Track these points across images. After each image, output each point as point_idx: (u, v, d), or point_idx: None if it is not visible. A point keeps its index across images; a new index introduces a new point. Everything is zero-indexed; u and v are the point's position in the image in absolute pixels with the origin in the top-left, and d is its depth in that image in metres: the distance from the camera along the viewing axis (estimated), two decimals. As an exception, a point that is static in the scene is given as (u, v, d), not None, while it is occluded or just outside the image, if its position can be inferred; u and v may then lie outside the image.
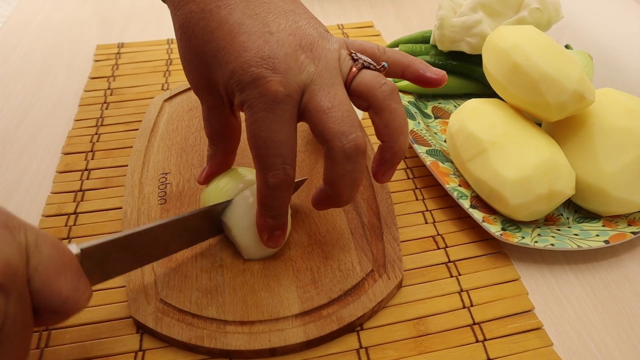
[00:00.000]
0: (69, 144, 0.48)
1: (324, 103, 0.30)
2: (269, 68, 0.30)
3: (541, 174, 0.37)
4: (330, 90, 0.31)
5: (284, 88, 0.30)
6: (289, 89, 0.30)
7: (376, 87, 0.31)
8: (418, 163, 0.47)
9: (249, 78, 0.30)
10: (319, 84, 0.31)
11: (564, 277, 0.39)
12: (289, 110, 0.30)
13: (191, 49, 0.33)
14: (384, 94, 0.31)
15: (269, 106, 0.30)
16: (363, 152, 0.30)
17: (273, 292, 0.35)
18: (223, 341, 0.32)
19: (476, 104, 0.43)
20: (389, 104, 0.31)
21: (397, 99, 0.32)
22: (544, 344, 0.34)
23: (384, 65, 0.33)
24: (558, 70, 0.38)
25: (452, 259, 0.39)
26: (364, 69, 0.32)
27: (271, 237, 0.35)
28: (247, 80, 0.30)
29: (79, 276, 0.27)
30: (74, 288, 0.26)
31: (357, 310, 0.34)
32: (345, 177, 0.31)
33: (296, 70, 0.30)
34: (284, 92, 0.30)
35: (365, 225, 0.40)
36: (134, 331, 0.34)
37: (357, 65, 0.32)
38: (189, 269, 0.36)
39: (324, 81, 0.31)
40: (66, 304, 0.26)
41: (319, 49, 0.32)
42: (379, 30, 0.66)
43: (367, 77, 0.32)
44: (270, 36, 0.31)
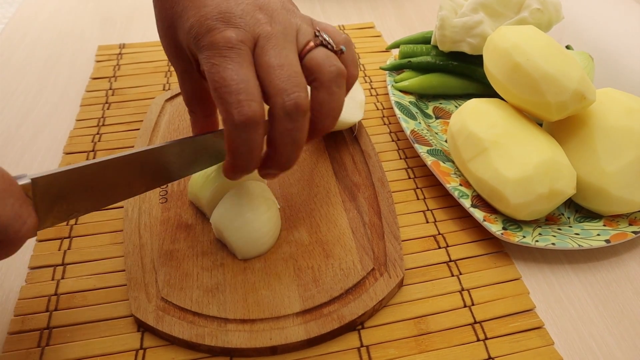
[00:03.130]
0: (70, 144, 0.48)
1: (273, 60, 0.31)
2: (223, 21, 0.31)
3: (542, 174, 0.37)
4: (282, 51, 0.31)
5: (236, 35, 0.30)
6: (241, 37, 0.31)
7: (326, 65, 0.32)
8: (419, 163, 0.47)
9: (204, 30, 0.31)
10: (272, 42, 0.31)
11: (565, 277, 0.39)
12: (244, 55, 0.31)
13: (163, 14, 0.35)
14: (331, 74, 0.32)
15: (223, 52, 0.30)
16: (304, 111, 0.31)
17: (274, 291, 0.35)
18: (224, 339, 0.32)
19: (477, 103, 0.43)
20: (330, 85, 0.32)
21: (341, 84, 0.33)
22: (545, 343, 0.34)
23: (342, 48, 0.34)
24: (559, 70, 0.38)
25: (453, 258, 0.39)
26: (321, 46, 0.33)
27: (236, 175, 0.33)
28: (203, 32, 0.31)
29: (21, 203, 0.26)
30: (15, 215, 0.25)
31: (358, 308, 0.34)
32: (285, 136, 0.31)
33: (251, 24, 0.31)
34: (236, 39, 0.30)
35: (366, 224, 0.40)
36: (135, 329, 0.34)
37: (316, 40, 0.33)
38: (189, 267, 0.36)
39: (277, 41, 0.32)
40: (6, 232, 0.25)
41: (279, 16, 0.33)
42: (380, 31, 0.66)
43: (320, 54, 0.33)
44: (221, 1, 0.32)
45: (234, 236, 0.36)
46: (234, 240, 0.36)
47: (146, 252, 0.37)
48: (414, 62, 0.53)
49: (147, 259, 0.37)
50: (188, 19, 0.32)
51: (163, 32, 0.35)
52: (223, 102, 0.30)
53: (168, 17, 0.34)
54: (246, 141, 0.31)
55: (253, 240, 0.36)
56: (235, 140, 0.31)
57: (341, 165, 0.45)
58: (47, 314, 0.35)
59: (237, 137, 0.30)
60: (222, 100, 0.30)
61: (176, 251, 0.37)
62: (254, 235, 0.36)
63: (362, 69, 0.59)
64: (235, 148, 0.31)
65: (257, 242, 0.36)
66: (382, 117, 0.52)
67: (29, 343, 0.33)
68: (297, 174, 0.44)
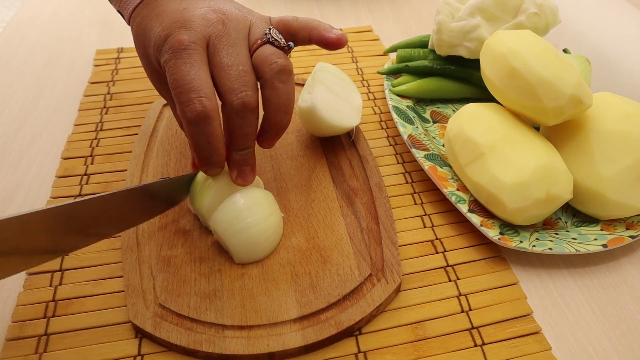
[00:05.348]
0: (68, 149, 0.48)
1: (224, 60, 0.34)
2: (178, 26, 0.34)
3: (539, 179, 0.37)
4: (232, 50, 0.34)
5: (188, 37, 0.33)
6: (193, 38, 0.33)
7: (267, 63, 0.34)
8: (416, 167, 0.47)
9: (162, 39, 0.34)
10: (224, 41, 0.34)
11: (562, 281, 0.39)
12: (196, 55, 0.33)
13: (140, 43, 0.37)
14: (272, 71, 0.34)
15: (177, 54, 0.33)
16: (251, 109, 0.34)
17: (271, 297, 0.35)
18: (221, 346, 0.32)
19: (474, 108, 0.43)
20: (273, 82, 0.34)
21: (284, 79, 0.35)
22: (543, 348, 0.34)
23: (289, 44, 0.36)
24: (555, 74, 0.38)
25: (451, 263, 0.39)
26: (267, 44, 0.35)
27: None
28: (161, 41, 0.34)
29: None
30: None
31: (356, 314, 0.34)
32: (236, 131, 0.34)
33: (203, 25, 0.34)
34: (188, 40, 0.33)
35: (363, 229, 0.40)
36: (133, 336, 0.34)
37: (263, 38, 0.35)
38: (187, 274, 0.36)
39: (229, 39, 0.34)
40: None
41: (232, 15, 0.35)
42: (378, 34, 0.66)
43: (265, 51, 0.35)
44: (185, 10, 0.35)
45: (232, 240, 0.36)
46: (231, 244, 0.36)
47: (144, 258, 0.37)
48: (412, 66, 0.53)
49: (145, 265, 0.37)
50: (153, 32, 0.35)
51: (146, 64, 0.37)
52: (177, 101, 0.32)
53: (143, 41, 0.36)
54: (202, 134, 0.33)
55: (251, 245, 0.36)
56: (193, 134, 0.33)
57: (339, 171, 0.45)
58: (45, 320, 0.35)
59: (193, 132, 0.33)
60: (177, 100, 0.32)
61: (174, 257, 0.37)
62: (252, 240, 0.36)
63: (359, 73, 0.59)
64: (194, 141, 0.33)
65: (255, 248, 0.36)
66: (380, 122, 0.52)
67: (27, 350, 0.33)
68: (295, 180, 0.44)
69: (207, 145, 0.34)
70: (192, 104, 0.32)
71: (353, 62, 0.61)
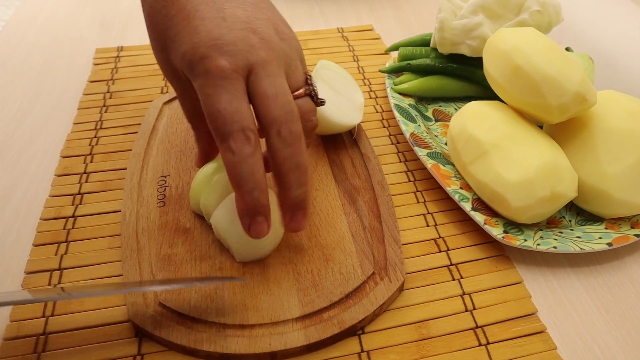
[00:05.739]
0: (67, 147, 0.48)
1: (268, 90, 0.31)
2: (216, 49, 0.31)
3: (543, 177, 0.37)
4: (276, 79, 0.32)
5: (229, 64, 0.30)
6: (234, 66, 0.30)
7: (304, 119, 0.33)
8: (419, 166, 0.47)
9: (197, 58, 0.31)
10: (267, 70, 0.31)
11: (566, 280, 0.38)
12: (237, 85, 0.31)
13: (156, 35, 0.34)
14: (306, 128, 0.34)
15: (217, 82, 0.30)
16: (299, 137, 0.32)
17: (273, 295, 0.35)
18: (222, 345, 0.32)
19: (477, 106, 0.43)
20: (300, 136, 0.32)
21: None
22: (548, 348, 0.34)
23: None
24: (559, 72, 0.38)
25: (454, 261, 0.39)
26: (308, 97, 0.34)
27: (253, 223, 0.32)
28: (196, 60, 0.31)
29: None
30: None
31: (359, 313, 0.34)
32: (288, 162, 0.31)
33: (245, 51, 0.31)
34: (230, 68, 0.30)
35: (366, 227, 0.39)
36: (133, 335, 0.34)
37: (307, 89, 0.34)
38: (188, 272, 0.36)
39: (272, 69, 0.31)
40: None
41: (273, 42, 0.32)
42: (379, 33, 0.66)
43: (306, 105, 0.34)
44: (223, 21, 0.32)
45: (233, 238, 0.36)
46: (233, 243, 0.36)
47: (144, 256, 0.37)
48: (413, 65, 0.53)
49: (145, 264, 0.36)
50: (181, 44, 0.32)
51: (157, 53, 0.35)
52: (218, 133, 0.30)
53: (161, 40, 0.34)
54: (246, 166, 0.30)
55: (253, 243, 0.36)
56: (234, 167, 0.30)
57: (340, 169, 0.44)
58: (44, 319, 0.34)
59: (236, 165, 0.30)
60: (217, 132, 0.30)
61: (174, 255, 0.37)
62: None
63: (361, 71, 0.59)
64: (238, 176, 0.30)
65: (256, 246, 0.36)
66: (382, 120, 0.52)
67: (25, 349, 0.33)
68: (297, 177, 0.43)
69: (251, 179, 0.30)
70: (238, 139, 0.30)
71: (354, 60, 0.61)
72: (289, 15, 0.70)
